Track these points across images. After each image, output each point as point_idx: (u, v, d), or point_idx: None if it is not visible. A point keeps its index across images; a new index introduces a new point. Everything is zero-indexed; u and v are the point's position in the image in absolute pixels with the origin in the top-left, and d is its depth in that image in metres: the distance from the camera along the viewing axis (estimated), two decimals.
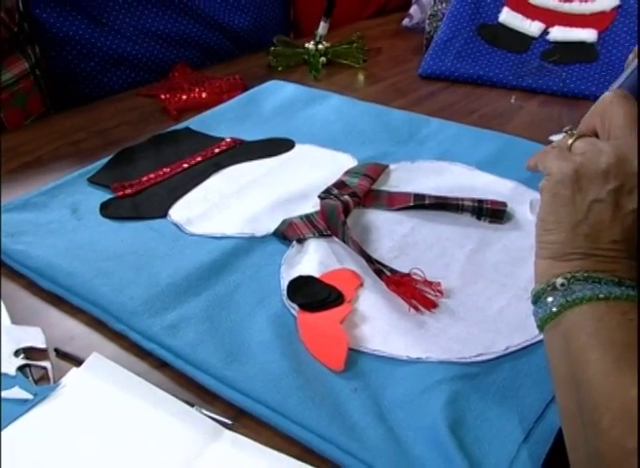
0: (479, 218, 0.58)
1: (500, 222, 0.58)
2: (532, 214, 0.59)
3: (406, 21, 1.09)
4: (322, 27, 0.98)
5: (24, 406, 0.39)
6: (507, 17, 0.93)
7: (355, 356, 0.43)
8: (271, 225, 0.57)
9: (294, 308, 0.47)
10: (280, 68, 0.97)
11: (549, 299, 0.37)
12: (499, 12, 0.94)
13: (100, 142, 0.77)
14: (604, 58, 0.88)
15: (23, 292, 0.52)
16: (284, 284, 0.50)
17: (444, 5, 0.99)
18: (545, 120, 0.81)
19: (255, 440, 0.38)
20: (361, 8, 1.23)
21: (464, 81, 0.92)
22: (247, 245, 0.54)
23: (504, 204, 0.59)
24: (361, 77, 0.97)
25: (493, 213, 0.58)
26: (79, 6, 0.86)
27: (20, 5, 0.82)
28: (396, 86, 0.93)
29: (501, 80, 0.90)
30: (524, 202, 0.61)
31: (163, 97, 0.85)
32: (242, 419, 0.39)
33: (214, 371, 0.41)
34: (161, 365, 0.44)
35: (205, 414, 0.39)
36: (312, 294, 0.47)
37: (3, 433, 0.37)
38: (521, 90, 0.89)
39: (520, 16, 0.93)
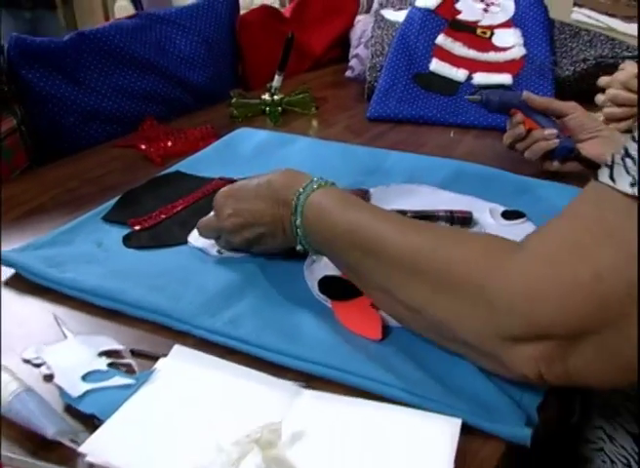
0: (452, 224, 0.73)
1: (469, 227, 0.73)
2: (492, 218, 0.75)
3: (348, 73, 1.26)
4: (277, 80, 1.12)
5: (129, 390, 0.48)
6: (437, 66, 1.12)
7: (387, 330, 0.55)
8: None
9: (326, 300, 0.59)
10: (240, 119, 1.10)
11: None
12: (429, 62, 1.13)
13: (94, 189, 0.86)
14: None
15: (77, 313, 0.60)
16: (311, 284, 0.61)
17: (381, 58, 1.17)
18: (482, 149, 0.99)
19: None
20: (298, 63, 1.39)
21: (407, 121, 1.09)
22: (272, 258, 0.66)
23: (470, 212, 0.74)
24: (315, 123, 1.12)
25: (462, 220, 0.73)
26: (59, 66, 0.96)
27: (5, 66, 0.90)
28: (350, 128, 1.08)
29: (439, 119, 1.08)
30: (483, 210, 0.76)
31: (143, 146, 0.96)
32: (312, 384, 0.50)
33: (280, 349, 0.52)
34: (228, 353, 0.54)
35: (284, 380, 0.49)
36: (341, 288, 0.59)
37: (117, 414, 0.46)
38: (456, 126, 1.07)
39: (447, 65, 1.12)
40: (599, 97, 0.95)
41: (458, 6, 1.17)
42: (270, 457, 0.40)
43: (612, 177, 0.40)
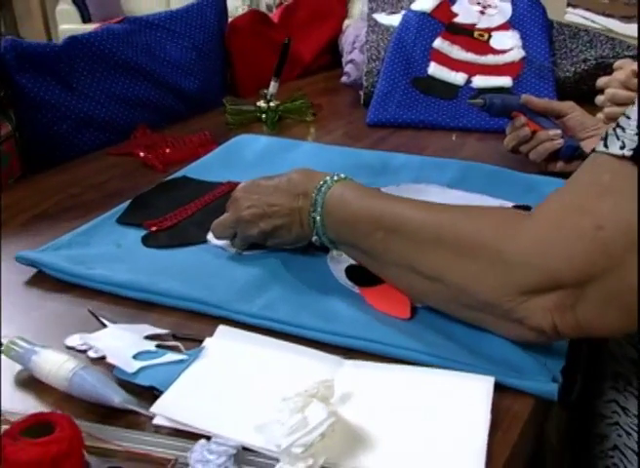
0: None
1: None
2: None
3: (344, 79, 1.39)
4: (273, 86, 1.25)
5: (182, 364, 0.58)
6: (435, 70, 1.27)
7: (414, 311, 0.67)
8: None
9: (353, 287, 0.71)
10: (235, 126, 1.22)
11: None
12: (427, 66, 1.27)
13: (97, 195, 0.97)
14: None
15: (109, 306, 0.71)
16: (336, 273, 0.73)
17: (377, 63, 1.31)
18: (486, 151, 1.12)
19: None
20: (288, 70, 1.52)
21: (408, 126, 1.22)
22: (292, 252, 0.77)
23: None
24: (313, 129, 1.25)
25: None
26: (53, 71, 1.07)
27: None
28: (349, 134, 1.21)
29: (440, 123, 1.22)
30: None
31: (142, 154, 1.07)
32: (351, 356, 0.61)
33: (318, 327, 0.63)
34: (267, 333, 0.64)
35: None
36: (367, 275, 0.70)
37: (179, 381, 0.56)
38: (458, 129, 1.21)
39: (446, 68, 1.27)
40: (599, 98, 1.09)
41: (454, 9, 1.32)
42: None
43: (605, 145, 0.54)
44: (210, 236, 0.82)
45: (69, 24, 6.35)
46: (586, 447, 0.74)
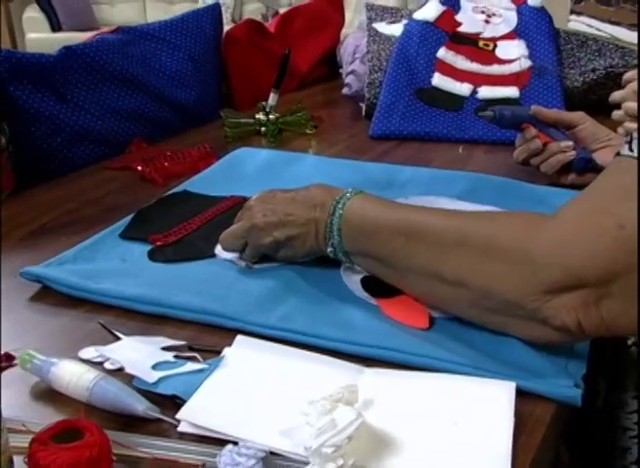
0: None
1: None
2: None
3: (345, 90, 1.46)
4: (272, 98, 1.31)
5: (203, 374, 0.63)
6: (439, 80, 1.34)
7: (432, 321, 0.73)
8: None
9: (369, 298, 0.76)
10: (233, 139, 1.28)
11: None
12: (431, 77, 1.34)
13: (95, 210, 1.02)
14: None
15: (120, 320, 0.75)
16: (350, 285, 0.78)
17: (379, 74, 1.37)
18: (495, 163, 1.19)
19: None
20: (286, 82, 1.59)
21: (413, 138, 1.29)
22: (304, 264, 0.83)
23: None
24: (314, 143, 1.31)
25: None
26: (48, 82, 1.13)
27: None
28: (352, 148, 1.28)
29: (445, 135, 1.28)
30: None
31: (140, 168, 1.12)
32: (370, 365, 0.66)
33: (337, 337, 0.68)
34: (284, 344, 0.69)
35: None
36: (383, 286, 0.76)
37: (202, 388, 0.61)
38: (464, 141, 1.27)
39: (450, 79, 1.34)
40: (616, 113, 1.14)
41: (458, 18, 1.40)
42: None
43: (631, 149, 0.60)
44: (218, 250, 0.87)
45: (38, 33, 6.47)
46: (607, 460, 0.79)
